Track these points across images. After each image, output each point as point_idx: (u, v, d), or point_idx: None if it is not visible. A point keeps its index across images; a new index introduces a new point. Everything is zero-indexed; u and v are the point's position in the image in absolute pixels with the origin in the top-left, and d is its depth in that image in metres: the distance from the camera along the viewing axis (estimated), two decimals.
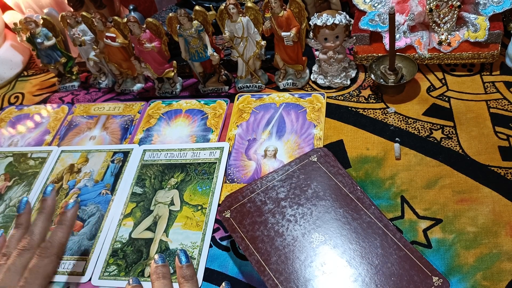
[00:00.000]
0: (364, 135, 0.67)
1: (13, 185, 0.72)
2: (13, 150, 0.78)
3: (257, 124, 0.73)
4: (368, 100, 0.72)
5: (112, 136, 0.77)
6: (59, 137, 0.79)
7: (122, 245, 0.61)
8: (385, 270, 0.48)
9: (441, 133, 0.64)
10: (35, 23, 0.82)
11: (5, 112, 0.88)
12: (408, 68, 0.70)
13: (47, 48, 0.85)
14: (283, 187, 0.58)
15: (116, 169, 0.71)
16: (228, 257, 0.57)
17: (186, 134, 0.74)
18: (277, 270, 0.50)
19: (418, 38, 0.73)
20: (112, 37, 0.78)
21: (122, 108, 0.82)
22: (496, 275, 0.50)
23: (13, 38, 1.00)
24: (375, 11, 0.76)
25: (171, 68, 0.80)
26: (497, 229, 0.53)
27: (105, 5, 0.89)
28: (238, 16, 0.70)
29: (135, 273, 0.57)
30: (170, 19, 0.73)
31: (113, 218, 0.64)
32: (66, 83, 0.90)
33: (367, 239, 0.51)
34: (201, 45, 0.75)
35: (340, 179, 0.57)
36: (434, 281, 0.47)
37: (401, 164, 0.62)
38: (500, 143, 0.62)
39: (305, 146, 0.67)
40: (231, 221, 0.55)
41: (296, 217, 0.54)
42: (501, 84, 0.69)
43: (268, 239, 0.52)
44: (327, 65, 0.73)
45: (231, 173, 0.66)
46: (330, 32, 0.69)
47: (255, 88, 0.79)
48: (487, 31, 0.68)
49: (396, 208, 0.58)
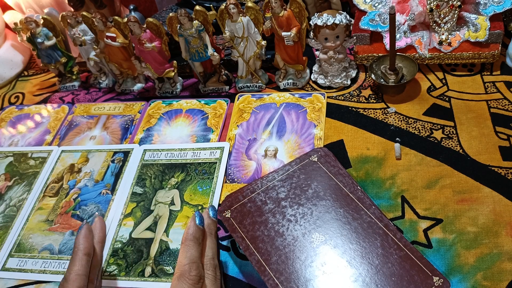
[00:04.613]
0: (365, 135, 0.67)
1: (13, 185, 0.72)
2: (13, 150, 0.78)
3: (257, 124, 0.73)
4: (368, 100, 0.72)
5: (112, 136, 0.77)
6: (60, 137, 0.79)
7: (122, 245, 0.61)
8: (386, 270, 0.48)
9: (441, 133, 0.64)
10: (36, 23, 0.82)
11: (5, 112, 0.88)
12: (408, 68, 0.70)
13: (48, 48, 0.85)
14: (283, 187, 0.58)
15: (117, 169, 0.71)
16: (229, 257, 0.57)
17: (186, 134, 0.74)
18: (278, 270, 0.50)
19: (418, 38, 0.73)
20: (112, 37, 0.78)
21: (123, 108, 0.82)
22: (496, 275, 0.50)
23: (13, 38, 1.00)
24: (376, 11, 0.76)
25: (171, 68, 0.80)
26: (497, 229, 0.53)
27: (105, 5, 0.89)
28: (239, 16, 0.70)
29: (135, 273, 0.57)
30: (171, 19, 0.73)
31: (113, 218, 0.64)
32: (67, 83, 0.90)
33: (368, 239, 0.51)
34: (202, 45, 0.75)
35: (341, 179, 0.57)
36: (434, 281, 0.46)
37: (401, 164, 0.62)
38: (501, 143, 0.62)
39: (305, 146, 0.67)
40: (231, 221, 0.55)
41: (296, 217, 0.54)
42: (501, 84, 0.69)
43: (268, 239, 0.52)
44: (327, 65, 0.73)
45: (232, 173, 0.66)
46: (330, 32, 0.69)
47: (255, 88, 0.79)
48: (488, 31, 0.68)
49: (396, 208, 0.58)
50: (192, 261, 0.48)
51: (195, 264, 0.48)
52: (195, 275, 0.47)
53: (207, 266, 0.49)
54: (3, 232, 0.66)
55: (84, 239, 0.52)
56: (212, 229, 0.53)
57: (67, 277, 0.49)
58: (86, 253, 0.51)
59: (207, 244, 0.51)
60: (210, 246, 0.51)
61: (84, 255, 0.51)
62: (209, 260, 0.49)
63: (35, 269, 0.61)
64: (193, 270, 0.47)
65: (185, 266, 0.47)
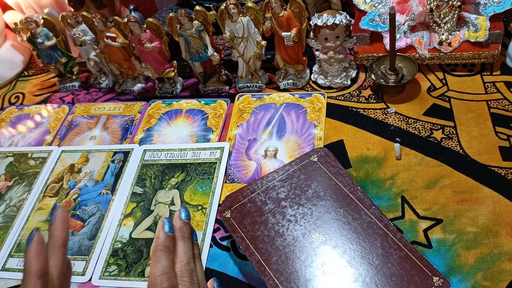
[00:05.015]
0: (365, 135, 0.67)
1: (13, 185, 0.72)
2: (13, 150, 0.79)
3: (257, 124, 0.73)
4: (368, 100, 0.72)
5: (112, 136, 0.77)
6: (60, 137, 0.79)
7: (123, 245, 0.61)
8: (386, 270, 0.48)
9: (441, 133, 0.64)
10: (36, 23, 0.82)
11: (5, 112, 0.88)
12: (408, 68, 0.70)
13: (48, 48, 0.85)
14: (283, 187, 0.58)
15: (117, 169, 0.71)
16: (229, 257, 0.57)
17: (186, 134, 0.74)
18: (278, 270, 0.50)
19: (418, 38, 0.73)
20: (112, 37, 0.78)
21: (123, 108, 0.82)
22: (496, 275, 0.50)
23: (13, 38, 1.00)
24: (376, 11, 0.76)
25: (171, 68, 0.80)
26: (497, 229, 0.53)
27: (105, 5, 0.89)
28: (239, 16, 0.70)
29: (135, 273, 0.57)
30: (171, 19, 0.73)
31: (113, 218, 0.64)
32: (67, 83, 0.90)
33: (368, 239, 0.51)
34: (202, 45, 0.75)
35: (341, 179, 0.57)
36: (434, 281, 0.47)
37: (401, 164, 0.62)
38: (501, 143, 0.62)
39: (305, 146, 0.67)
40: (231, 221, 0.55)
41: (296, 217, 0.54)
42: (501, 84, 0.69)
43: (268, 239, 0.52)
44: (327, 65, 0.73)
45: (232, 173, 0.66)
46: (330, 32, 0.69)
47: (255, 88, 0.79)
48: (488, 31, 0.68)
49: (396, 208, 0.58)
50: (163, 272, 0.44)
51: (166, 275, 0.44)
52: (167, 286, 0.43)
53: (182, 273, 0.45)
54: (3, 232, 0.66)
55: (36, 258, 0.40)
56: (185, 232, 0.49)
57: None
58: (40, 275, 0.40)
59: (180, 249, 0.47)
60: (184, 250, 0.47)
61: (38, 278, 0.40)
62: (184, 266, 0.46)
63: None
64: (164, 281, 0.43)
65: (157, 278, 0.44)
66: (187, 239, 0.48)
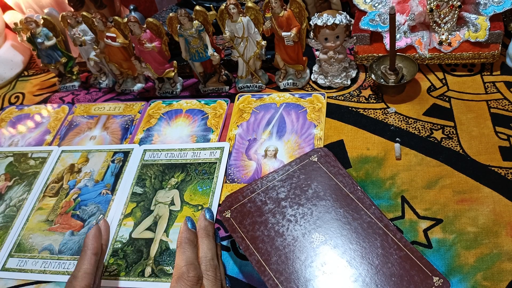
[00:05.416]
0: (365, 135, 0.67)
1: (13, 185, 0.72)
2: (13, 150, 0.79)
3: (257, 124, 0.73)
4: (368, 100, 0.72)
5: (112, 136, 0.77)
6: (60, 137, 0.79)
7: (123, 245, 0.61)
8: (386, 270, 0.48)
9: (441, 133, 0.64)
10: (36, 23, 0.82)
11: (5, 112, 0.88)
12: (408, 68, 0.70)
13: (48, 48, 0.85)
14: (283, 187, 0.58)
15: (117, 169, 0.71)
16: (229, 257, 0.57)
17: (186, 134, 0.74)
18: (278, 270, 0.50)
19: (418, 38, 0.73)
20: (112, 37, 0.78)
21: (123, 108, 0.82)
22: (496, 275, 0.50)
23: (13, 38, 1.00)
24: (376, 11, 0.76)
25: (171, 68, 0.80)
26: (497, 229, 0.53)
27: (105, 5, 0.89)
28: (239, 16, 0.70)
29: (135, 273, 0.57)
30: (171, 19, 0.73)
31: (113, 218, 0.64)
32: (67, 83, 0.90)
33: (368, 239, 0.51)
34: (202, 45, 0.75)
35: (341, 179, 0.57)
36: (434, 281, 0.46)
37: (401, 164, 0.62)
38: (501, 143, 0.62)
39: (305, 146, 0.67)
40: (231, 221, 0.55)
41: (296, 217, 0.54)
42: (501, 84, 0.69)
43: (268, 239, 0.52)
44: (327, 65, 0.73)
45: (232, 173, 0.66)
46: (330, 32, 0.69)
47: (255, 88, 0.79)
48: (488, 31, 0.68)
49: (396, 208, 0.58)
50: (190, 263, 0.49)
51: (192, 265, 0.48)
52: (193, 276, 0.47)
53: (207, 267, 0.49)
54: (3, 232, 0.66)
55: (94, 239, 0.53)
56: (209, 230, 0.53)
57: (75, 275, 0.50)
58: (95, 252, 0.52)
59: (206, 246, 0.51)
60: (209, 247, 0.51)
61: (93, 254, 0.51)
62: (209, 261, 0.50)
63: (35, 269, 0.61)
64: (191, 271, 0.48)
65: (183, 267, 0.48)
66: (212, 238, 0.53)
